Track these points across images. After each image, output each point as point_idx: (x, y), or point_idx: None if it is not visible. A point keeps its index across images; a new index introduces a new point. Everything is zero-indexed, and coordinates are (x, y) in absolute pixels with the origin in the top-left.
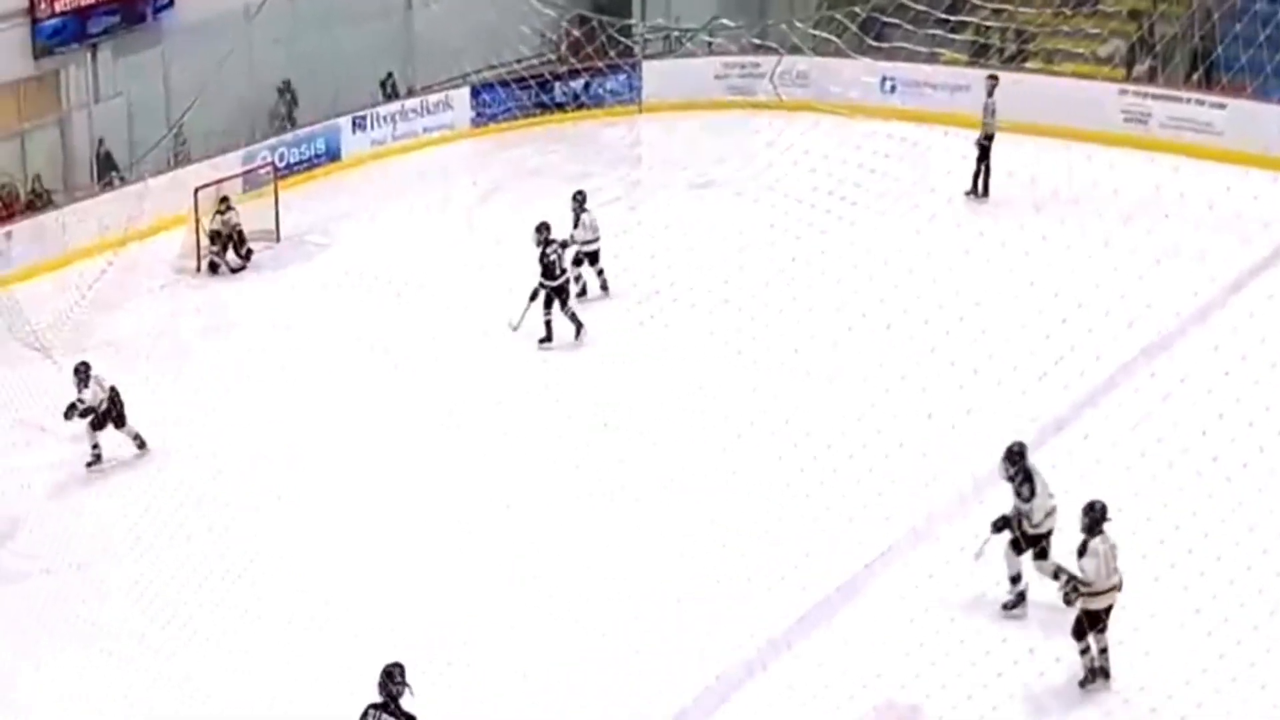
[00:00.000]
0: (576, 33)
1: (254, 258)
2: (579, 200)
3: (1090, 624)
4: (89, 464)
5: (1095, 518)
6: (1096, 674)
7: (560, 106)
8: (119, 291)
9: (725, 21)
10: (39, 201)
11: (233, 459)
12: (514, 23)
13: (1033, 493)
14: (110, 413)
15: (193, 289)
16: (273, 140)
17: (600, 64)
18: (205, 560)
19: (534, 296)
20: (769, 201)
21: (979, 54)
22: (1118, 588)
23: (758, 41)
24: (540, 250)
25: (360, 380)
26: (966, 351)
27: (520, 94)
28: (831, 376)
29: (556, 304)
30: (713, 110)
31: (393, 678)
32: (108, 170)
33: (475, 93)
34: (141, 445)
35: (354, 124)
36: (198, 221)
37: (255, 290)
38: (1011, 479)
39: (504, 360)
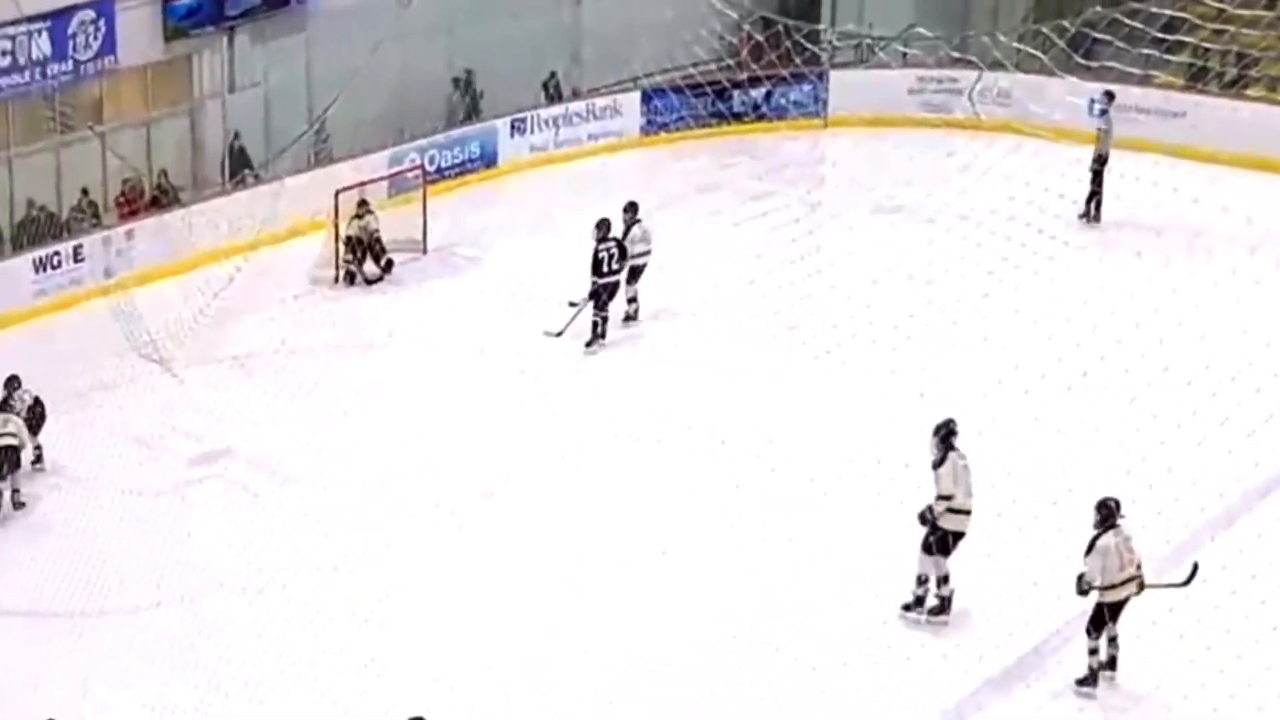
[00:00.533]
0: (759, 37)
1: (395, 269)
2: (630, 212)
3: (1108, 617)
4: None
5: (1106, 514)
6: (1098, 674)
7: (738, 117)
8: (248, 300)
9: (922, 31)
10: (165, 198)
11: (363, 489)
12: (691, 23)
13: (942, 463)
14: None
15: (328, 300)
16: (422, 141)
17: (784, 72)
18: (328, 601)
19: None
20: (962, 231)
21: (1196, 77)
22: (1135, 581)
23: (956, 54)
24: (595, 246)
25: (505, 407)
26: (1171, 403)
27: (695, 101)
28: (1023, 428)
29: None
30: (904, 128)
31: None
32: (241, 167)
33: (646, 98)
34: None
35: (513, 127)
36: (336, 227)
37: (396, 305)
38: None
39: (660, 389)
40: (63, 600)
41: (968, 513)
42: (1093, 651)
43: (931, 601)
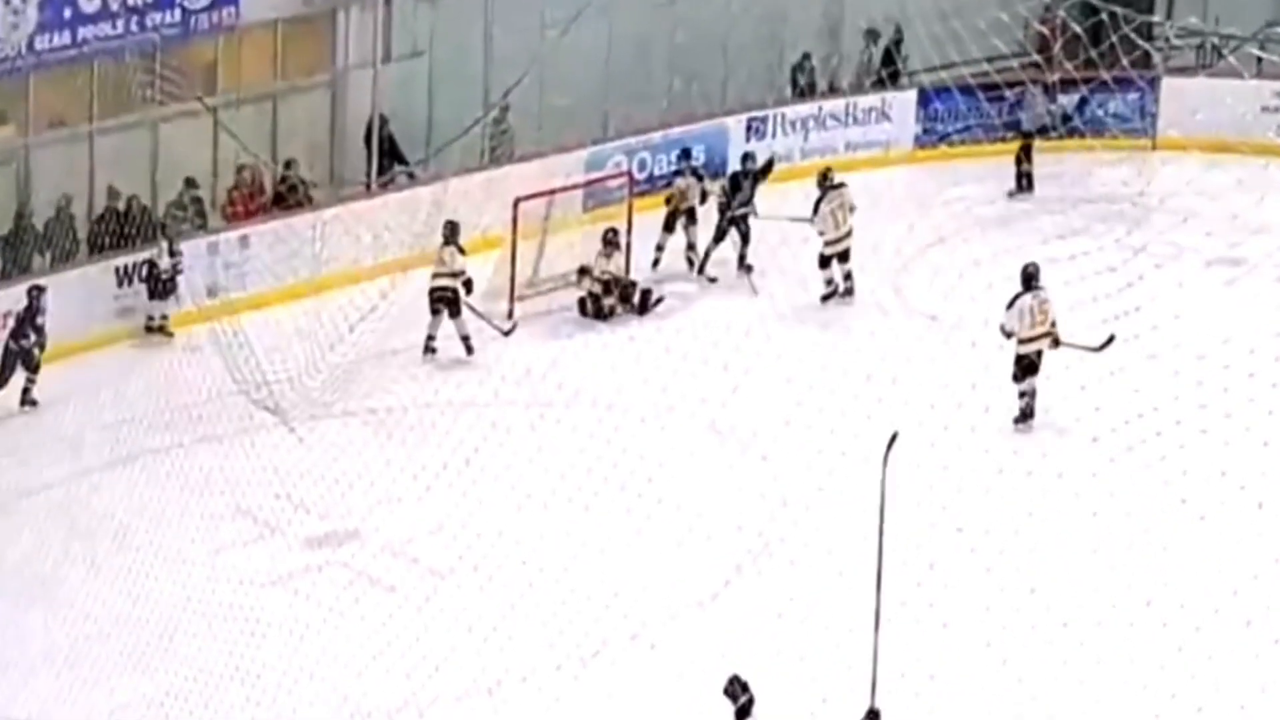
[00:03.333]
0: (1076, 27)
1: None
2: (826, 180)
3: (1021, 367)
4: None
5: (1027, 278)
6: (1029, 416)
7: (1042, 130)
8: (392, 338)
9: None
10: (291, 197)
11: (532, 589)
12: (987, 5)
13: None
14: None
15: (498, 342)
16: (631, 140)
17: (1105, 75)
18: None
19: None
20: None
21: None
22: (1049, 337)
23: None
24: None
25: (718, 492)
26: None
27: (988, 107)
28: None
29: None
30: (1255, 156)
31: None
32: (392, 161)
33: (924, 99)
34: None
35: (749, 127)
36: (514, 245)
37: (584, 352)
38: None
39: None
40: None
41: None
42: (1022, 395)
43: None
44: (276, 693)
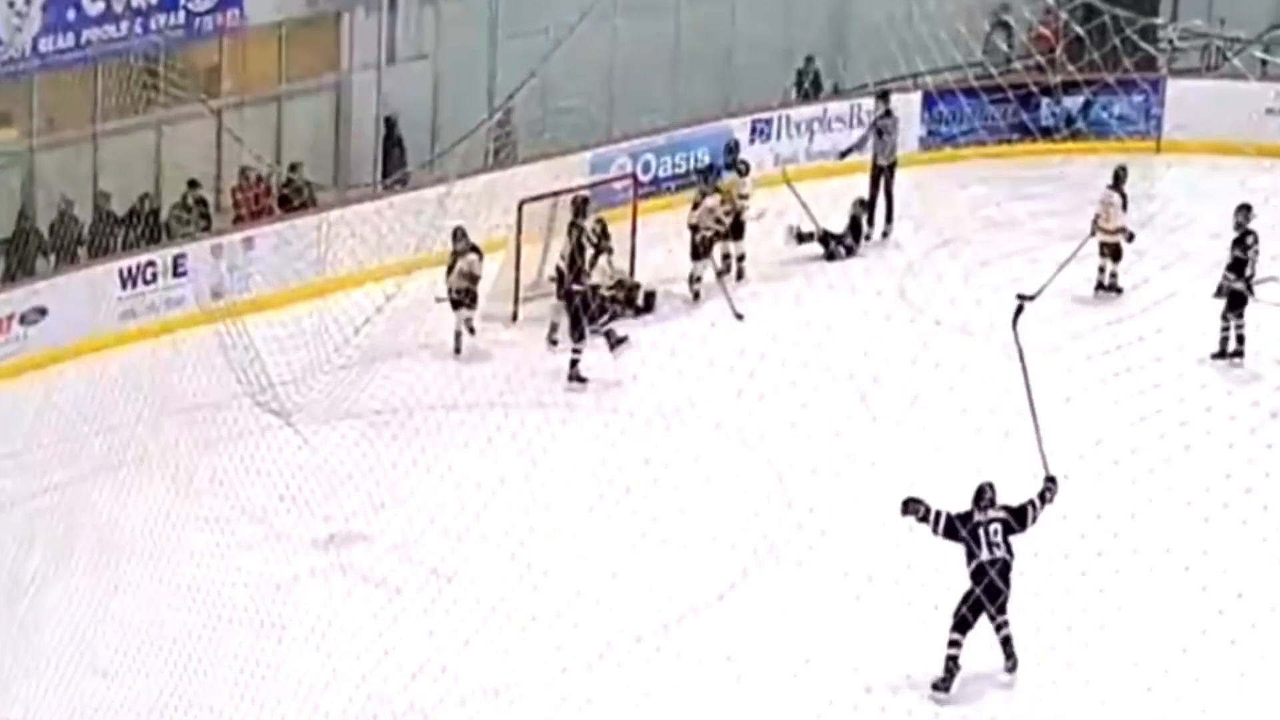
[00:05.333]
0: (1079, 29)
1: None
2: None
3: None
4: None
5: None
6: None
7: (1047, 132)
8: (397, 340)
9: None
10: (296, 199)
11: (539, 593)
12: (991, 8)
13: None
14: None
15: (503, 346)
16: (636, 142)
17: (1108, 77)
18: None
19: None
20: None
21: None
22: None
23: None
24: None
25: (726, 499)
26: None
27: (993, 109)
28: None
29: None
30: (1259, 158)
31: None
32: (397, 163)
33: (929, 102)
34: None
35: (754, 129)
36: (518, 247)
37: (586, 355)
38: None
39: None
40: None
41: None
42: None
43: None
44: (282, 695)
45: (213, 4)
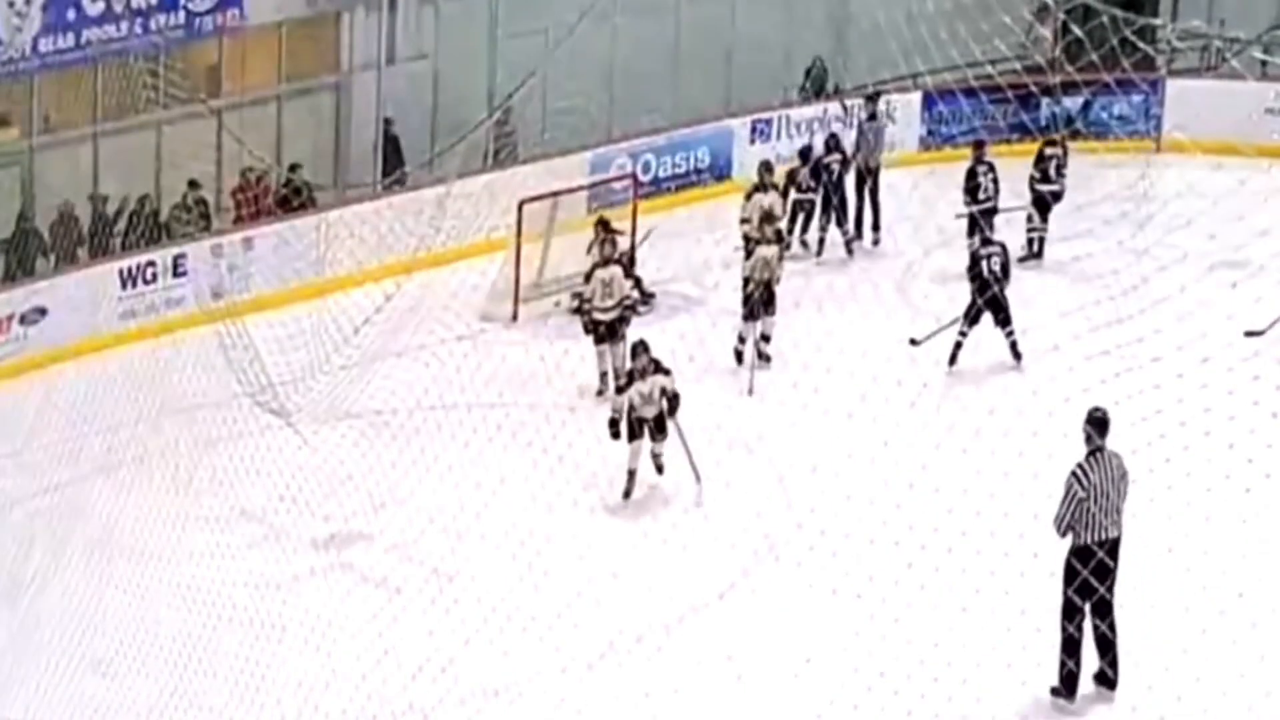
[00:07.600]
0: (1078, 30)
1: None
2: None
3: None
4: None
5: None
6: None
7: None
8: (397, 339)
9: None
10: (295, 199)
11: (540, 592)
12: (990, 8)
13: None
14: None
15: (503, 345)
16: (636, 142)
17: (1108, 78)
18: None
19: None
20: None
21: None
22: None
23: None
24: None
25: (724, 498)
26: None
27: (992, 109)
28: None
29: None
30: (1259, 158)
31: None
32: (397, 163)
33: (929, 102)
34: None
35: (754, 130)
36: (518, 247)
37: (588, 355)
38: None
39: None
40: None
41: None
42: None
43: None
44: (282, 695)
45: (213, 4)
